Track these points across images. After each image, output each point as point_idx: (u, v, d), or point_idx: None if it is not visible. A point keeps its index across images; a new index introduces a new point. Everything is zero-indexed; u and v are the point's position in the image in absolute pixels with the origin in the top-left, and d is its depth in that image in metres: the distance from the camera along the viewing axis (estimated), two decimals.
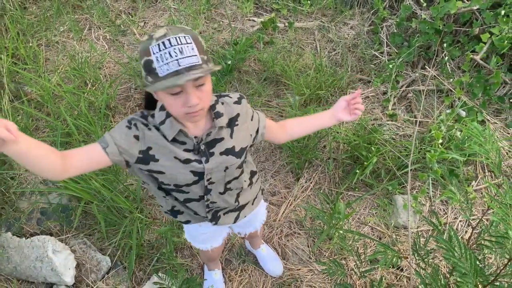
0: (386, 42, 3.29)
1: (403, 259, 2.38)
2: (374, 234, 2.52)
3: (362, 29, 3.45)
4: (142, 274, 2.37)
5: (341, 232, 2.41)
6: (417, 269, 2.19)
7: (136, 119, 1.29)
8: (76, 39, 3.59)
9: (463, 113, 2.89)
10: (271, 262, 2.34)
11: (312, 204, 2.60)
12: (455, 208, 2.60)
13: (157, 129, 1.28)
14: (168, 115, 1.27)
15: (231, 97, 1.39)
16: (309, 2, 3.50)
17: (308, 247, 2.45)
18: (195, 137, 1.31)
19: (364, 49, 3.31)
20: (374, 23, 3.43)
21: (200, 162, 1.33)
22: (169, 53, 1.08)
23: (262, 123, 1.49)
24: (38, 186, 2.60)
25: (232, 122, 1.37)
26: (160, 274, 2.18)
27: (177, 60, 1.08)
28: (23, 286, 2.33)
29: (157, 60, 1.09)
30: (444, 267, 2.32)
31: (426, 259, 1.85)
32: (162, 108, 1.28)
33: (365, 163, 2.57)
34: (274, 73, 3.14)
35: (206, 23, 3.61)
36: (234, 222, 1.66)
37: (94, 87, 3.17)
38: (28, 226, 2.50)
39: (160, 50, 1.09)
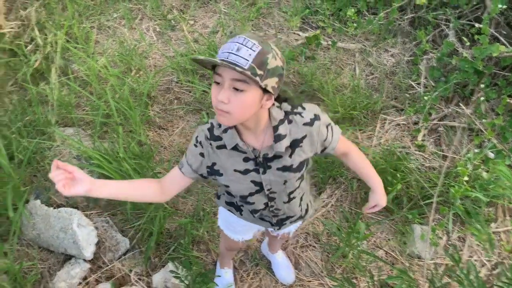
0: (424, 74, 3.21)
1: None
2: (387, 259, 2.43)
3: (402, 58, 3.38)
4: (157, 261, 2.33)
5: (355, 252, 2.34)
6: None
7: (202, 134, 1.30)
8: (127, 27, 3.60)
9: (492, 155, 2.79)
10: (284, 270, 2.28)
11: (331, 220, 2.53)
12: (471, 247, 2.50)
13: (218, 139, 1.28)
14: (230, 126, 1.25)
15: (303, 117, 1.27)
16: (354, 25, 3.45)
17: (322, 261, 2.38)
18: (254, 149, 1.27)
19: (401, 77, 3.24)
20: (414, 54, 3.36)
21: (258, 172, 1.30)
22: (229, 46, 1.10)
23: (333, 145, 1.37)
24: (71, 161, 2.59)
25: (295, 144, 1.28)
26: (175, 263, 2.14)
27: (229, 53, 1.08)
28: (43, 254, 2.31)
29: (222, 47, 1.12)
30: None
31: None
32: None
33: (389, 188, 2.50)
34: (311, 87, 3.09)
35: (253, 30, 3.58)
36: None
37: (138, 75, 3.16)
38: (56, 197, 2.48)
39: (229, 42, 1.11)
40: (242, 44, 1.09)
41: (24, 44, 3.26)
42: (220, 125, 1.28)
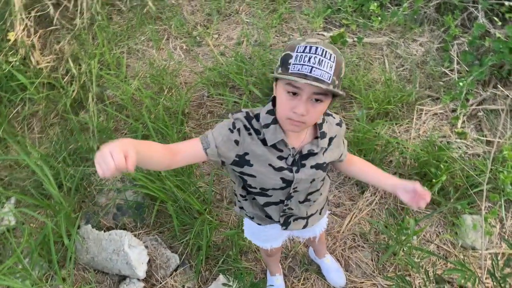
0: (457, 60, 3.09)
1: (476, 281, 2.20)
2: (440, 253, 2.35)
3: (431, 46, 3.27)
4: (208, 274, 2.33)
5: (405, 248, 2.27)
6: None
7: (240, 123, 1.25)
8: (155, 48, 3.66)
9: None
10: (335, 273, 2.23)
11: (377, 219, 2.47)
12: None
13: (258, 133, 1.25)
14: (275, 121, 1.24)
15: (334, 118, 1.38)
16: (379, 18, 3.37)
17: (372, 261, 2.32)
18: (293, 148, 1.29)
19: (433, 66, 3.14)
20: (444, 41, 3.25)
21: (291, 171, 1.30)
22: (309, 58, 1.08)
23: (345, 152, 1.48)
24: (116, 183, 2.64)
25: (330, 141, 1.35)
26: (226, 275, 2.14)
27: (312, 67, 1.08)
28: (98, 276, 2.36)
29: (296, 58, 1.09)
30: None
31: (503, 284, 1.69)
32: (270, 112, 1.25)
33: (433, 180, 2.41)
34: (342, 86, 3.04)
35: (277, 36, 3.57)
36: (302, 228, 1.62)
37: (170, 94, 3.20)
38: (105, 220, 2.54)
39: (303, 52, 1.09)
40: (322, 56, 1.08)
41: (61, 76, 3.36)
42: (258, 119, 1.26)
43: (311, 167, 1.32)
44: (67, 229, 2.26)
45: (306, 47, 1.09)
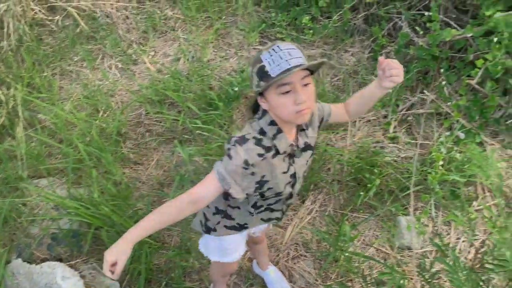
0: None
1: (408, 280, 2.26)
2: (379, 255, 2.40)
3: (362, 56, 3.39)
4: None
5: (346, 254, 2.30)
6: None
7: (253, 156, 1.26)
8: (89, 68, 3.55)
9: (462, 135, 2.80)
10: (279, 285, 2.22)
11: (318, 226, 2.50)
12: (458, 229, 2.49)
13: (269, 150, 1.28)
14: (279, 130, 1.29)
15: None
16: (311, 31, 3.46)
17: (315, 269, 2.34)
18: (296, 145, 1.37)
19: (364, 74, 3.25)
20: (373, 50, 3.38)
21: (292, 164, 1.36)
22: (280, 56, 1.17)
23: (327, 112, 1.50)
24: (50, 211, 2.51)
25: (310, 124, 1.42)
26: None
27: (287, 60, 1.16)
28: None
29: (269, 63, 1.18)
30: None
31: (431, 281, 1.75)
32: (272, 123, 1.28)
33: (369, 185, 2.48)
34: None
35: (214, 52, 3.57)
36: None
37: (106, 114, 3.11)
38: (39, 252, 2.40)
39: (271, 55, 1.18)
40: (286, 48, 1.19)
41: None
42: (265, 133, 1.28)
43: (301, 150, 1.39)
44: None
45: (269, 51, 1.19)
